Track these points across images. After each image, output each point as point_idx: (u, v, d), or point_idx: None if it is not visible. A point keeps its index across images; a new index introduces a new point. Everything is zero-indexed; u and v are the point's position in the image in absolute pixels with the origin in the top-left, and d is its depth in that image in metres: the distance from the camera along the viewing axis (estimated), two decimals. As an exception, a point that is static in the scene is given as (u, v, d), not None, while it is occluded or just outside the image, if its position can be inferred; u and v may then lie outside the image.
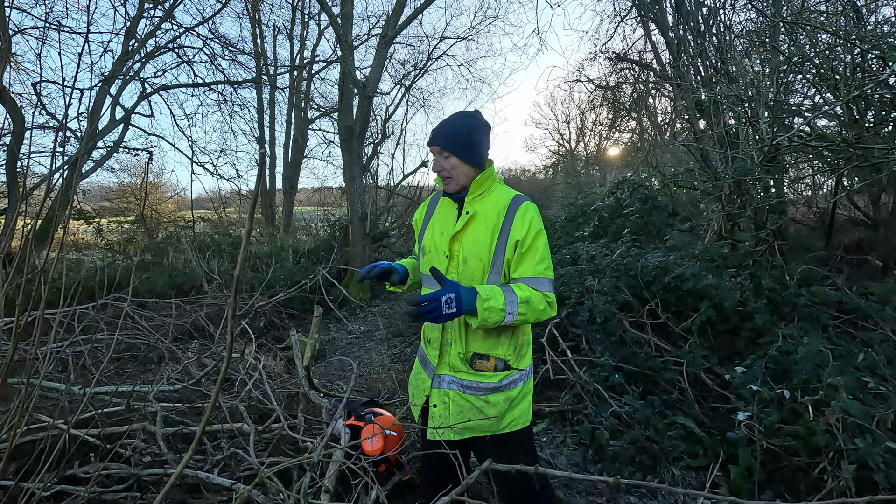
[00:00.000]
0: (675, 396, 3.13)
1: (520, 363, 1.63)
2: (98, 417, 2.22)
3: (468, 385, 1.59)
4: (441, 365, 1.63)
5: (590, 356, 3.48)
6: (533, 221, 1.56)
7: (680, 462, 2.62)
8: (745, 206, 4.55)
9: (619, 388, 3.16)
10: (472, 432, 1.58)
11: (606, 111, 12.64)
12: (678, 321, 3.69)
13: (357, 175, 6.97)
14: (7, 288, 1.73)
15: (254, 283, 6.56)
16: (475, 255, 1.57)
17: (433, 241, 1.67)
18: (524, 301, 1.49)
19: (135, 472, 1.79)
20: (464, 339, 1.59)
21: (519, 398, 1.61)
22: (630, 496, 2.46)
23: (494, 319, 1.47)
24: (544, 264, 1.56)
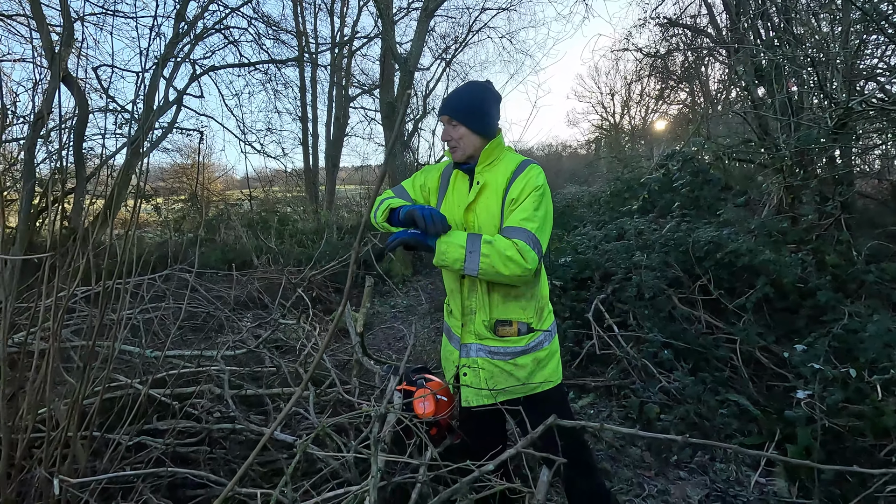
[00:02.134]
0: (726, 374, 3.05)
1: (542, 324, 1.65)
2: (169, 379, 2.39)
3: (495, 351, 1.61)
4: (466, 334, 1.66)
5: (637, 332, 3.42)
6: (530, 181, 1.54)
7: (733, 440, 2.56)
8: (809, 178, 4.28)
9: (667, 364, 3.10)
10: (504, 395, 1.61)
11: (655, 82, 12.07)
12: (731, 298, 3.56)
13: (399, 151, 7.00)
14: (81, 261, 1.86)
15: (300, 258, 6.79)
16: (489, 223, 1.58)
17: (451, 214, 1.68)
18: (488, 242, 1.47)
19: (206, 427, 1.93)
20: (487, 307, 1.61)
21: (547, 358, 1.64)
22: (679, 470, 2.43)
23: (453, 255, 1.47)
24: (523, 215, 1.51)
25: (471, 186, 1.62)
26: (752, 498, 2.21)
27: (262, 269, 6.11)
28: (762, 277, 3.46)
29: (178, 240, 7.60)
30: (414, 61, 7.02)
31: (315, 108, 11.85)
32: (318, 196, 11.34)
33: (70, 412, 1.49)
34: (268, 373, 2.41)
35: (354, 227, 7.85)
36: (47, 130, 6.84)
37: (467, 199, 1.61)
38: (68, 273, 1.85)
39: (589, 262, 4.23)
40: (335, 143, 11.84)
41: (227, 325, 3.02)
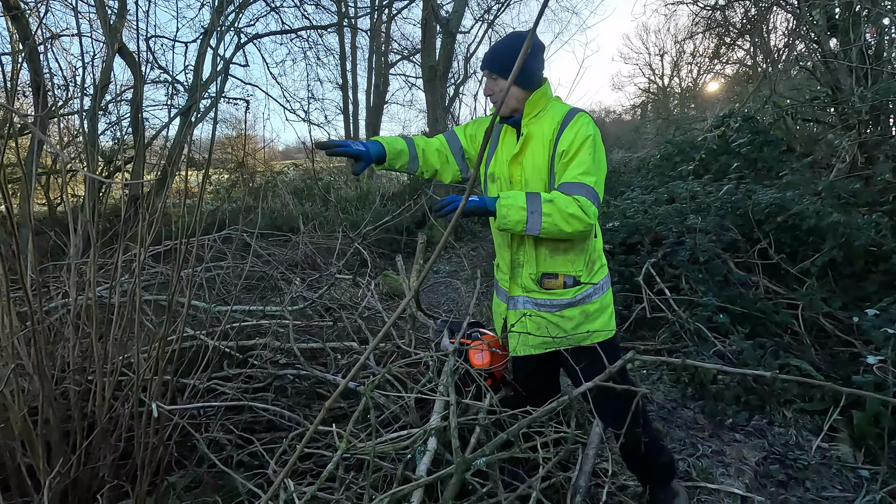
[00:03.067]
0: (786, 340, 2.94)
1: (592, 278, 1.62)
2: (232, 332, 2.53)
3: (542, 303, 1.62)
4: (513, 287, 1.67)
5: (690, 296, 3.32)
6: (581, 130, 1.49)
7: (792, 405, 2.49)
8: (886, 135, 3.95)
9: (722, 328, 3.01)
10: (552, 345, 1.61)
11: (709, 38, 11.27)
12: (793, 263, 3.39)
13: (440, 116, 6.93)
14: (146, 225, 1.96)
15: (345, 224, 6.93)
16: (536, 175, 1.55)
17: (498, 167, 1.66)
18: (548, 200, 1.44)
19: (273, 373, 2.04)
20: (534, 261, 1.60)
21: (597, 311, 1.62)
22: (735, 433, 2.39)
23: (514, 218, 1.45)
24: (580, 169, 1.48)
25: (518, 139, 1.60)
26: (814, 462, 2.16)
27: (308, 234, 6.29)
28: (829, 241, 3.26)
29: (229, 207, 7.89)
30: (456, 23, 6.84)
31: (355, 76, 11.84)
32: (359, 164, 11.43)
33: (155, 357, 1.60)
34: (324, 326, 2.51)
35: (397, 193, 7.90)
36: (106, 103, 7.16)
37: (514, 150, 1.59)
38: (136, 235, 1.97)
39: (638, 227, 4.11)
40: (375, 111, 11.83)
41: (282, 283, 3.15)
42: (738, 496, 1.95)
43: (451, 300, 4.90)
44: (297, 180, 9.50)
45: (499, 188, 1.66)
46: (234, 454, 1.74)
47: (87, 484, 1.75)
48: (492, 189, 1.70)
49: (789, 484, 2.06)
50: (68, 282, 2.61)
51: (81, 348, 2.05)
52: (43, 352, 1.54)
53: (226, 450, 1.92)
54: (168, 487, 1.70)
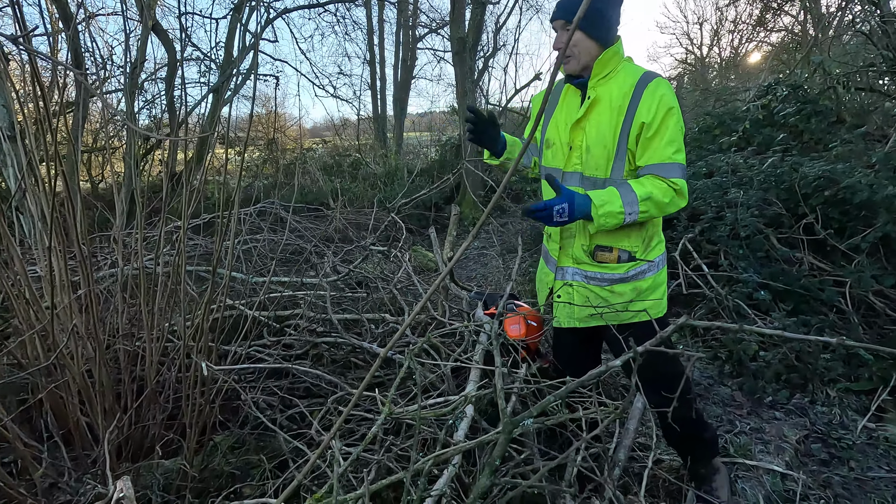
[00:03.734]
0: (832, 318, 2.83)
1: (648, 254, 1.55)
2: (269, 302, 2.59)
3: (592, 276, 1.56)
4: (563, 257, 1.61)
5: (729, 272, 3.22)
6: (663, 99, 1.39)
7: (837, 384, 2.41)
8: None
9: (763, 305, 2.92)
10: (597, 321, 1.56)
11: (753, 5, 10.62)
12: (841, 238, 3.23)
13: (469, 90, 6.81)
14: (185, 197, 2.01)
15: (374, 200, 6.97)
16: (599, 142, 1.47)
17: (557, 132, 1.59)
18: (645, 198, 1.39)
19: (311, 340, 2.09)
20: (586, 232, 1.54)
21: (649, 289, 1.56)
22: (775, 411, 2.33)
23: (613, 223, 1.42)
24: (673, 147, 1.40)
25: (582, 102, 1.51)
26: (859, 442, 2.09)
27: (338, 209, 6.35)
28: (883, 215, 3.09)
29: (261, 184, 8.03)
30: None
31: (382, 51, 11.71)
32: (386, 140, 11.42)
33: (201, 320, 1.65)
34: (359, 298, 2.55)
35: (425, 169, 7.87)
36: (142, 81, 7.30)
37: (576, 115, 1.50)
38: (174, 209, 2.02)
39: (675, 201, 3.98)
40: (403, 86, 11.72)
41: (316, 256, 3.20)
42: (777, 473, 1.91)
43: (480, 275, 4.90)
44: (326, 156, 9.56)
45: (553, 155, 1.59)
46: (278, 416, 1.80)
47: (139, 442, 1.85)
48: (546, 155, 1.63)
49: (832, 463, 2.01)
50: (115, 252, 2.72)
51: (129, 315, 2.15)
52: (96, 317, 1.61)
53: (266, 413, 2.00)
54: (214, 447, 1.77)
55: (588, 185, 1.50)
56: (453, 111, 9.41)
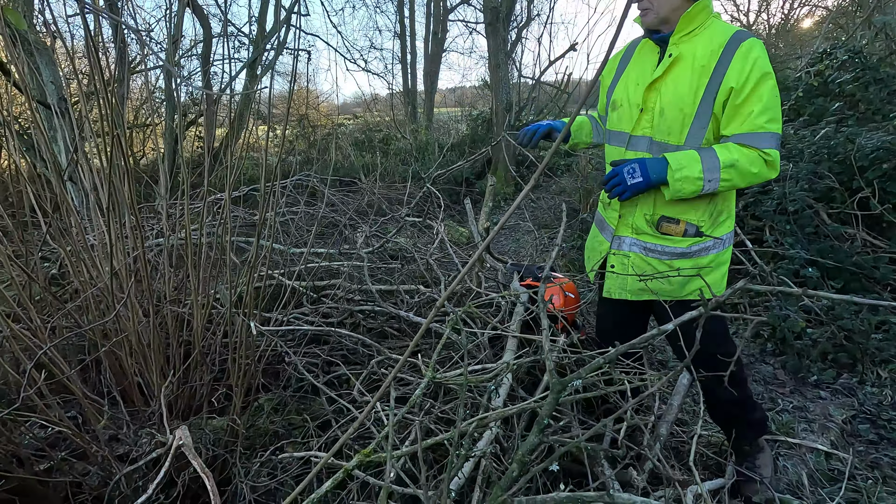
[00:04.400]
0: (886, 297, 2.69)
1: (715, 230, 1.47)
2: (307, 272, 2.65)
3: (651, 248, 1.49)
4: (622, 227, 1.54)
5: (775, 248, 3.09)
6: (757, 63, 1.28)
7: (889, 365, 2.30)
8: None
9: (811, 283, 2.80)
10: (650, 295, 1.50)
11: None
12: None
13: (502, 62, 6.65)
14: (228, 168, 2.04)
15: (405, 175, 6.96)
16: (675, 105, 1.36)
17: (626, 92, 1.49)
18: (729, 165, 1.30)
19: (348, 308, 2.13)
20: (652, 202, 1.46)
21: (710, 267, 1.48)
22: (819, 391, 2.26)
23: (690, 189, 1.34)
24: (766, 116, 1.30)
25: (660, 60, 1.40)
26: (911, 423, 2.01)
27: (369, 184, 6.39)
28: (948, 189, 2.89)
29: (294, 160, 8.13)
30: (521, -42, 6.41)
31: (413, 23, 11.53)
32: (416, 115, 11.34)
33: (248, 283, 1.71)
34: (394, 269, 2.58)
35: (455, 144, 7.79)
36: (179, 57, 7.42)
37: (652, 74, 1.40)
38: (213, 182, 2.07)
39: (718, 175, 3.82)
40: (433, 59, 11.54)
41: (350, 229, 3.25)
42: (821, 452, 1.86)
43: (512, 250, 4.87)
44: (357, 132, 9.58)
45: (620, 117, 1.51)
46: (319, 379, 1.85)
47: (187, 402, 1.95)
48: (612, 118, 1.56)
49: (881, 444, 1.94)
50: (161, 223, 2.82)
51: (175, 282, 2.23)
52: (148, 281, 1.68)
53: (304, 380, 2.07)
54: (258, 407, 1.85)
55: (657, 152, 1.42)
56: (485, 85, 9.23)
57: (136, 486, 1.43)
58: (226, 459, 1.54)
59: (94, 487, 1.51)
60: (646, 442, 1.46)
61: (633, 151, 1.49)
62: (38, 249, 2.26)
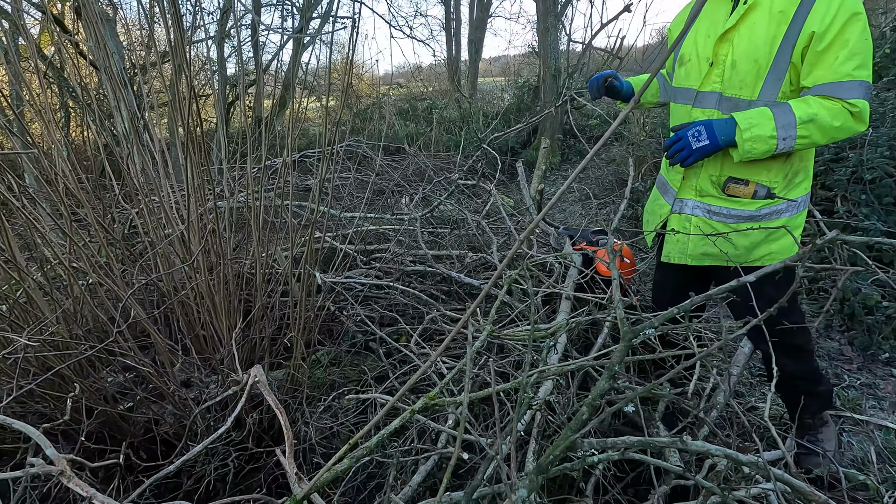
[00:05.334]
0: (971, 273, 2.48)
1: (789, 192, 1.37)
2: (357, 236, 2.71)
3: (716, 211, 1.41)
4: (685, 188, 1.47)
5: (847, 220, 2.89)
6: (844, 4, 1.17)
7: (972, 344, 2.14)
8: None
9: (887, 256, 2.62)
10: (712, 260, 1.44)
11: None
12: None
13: (552, 25, 6.39)
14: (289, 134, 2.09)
15: (449, 144, 6.91)
16: (748, 56, 1.27)
17: (694, 46, 1.41)
18: (807, 121, 1.20)
19: (401, 269, 2.17)
20: (719, 161, 1.38)
21: (781, 231, 1.39)
22: (891, 368, 2.14)
23: (762, 149, 1.25)
24: (854, 62, 1.18)
25: (733, 9, 1.32)
26: None
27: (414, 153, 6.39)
28: None
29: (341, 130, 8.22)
30: (575, -88, 6.05)
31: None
32: (460, 84, 11.15)
33: (309, 241, 1.76)
34: (444, 234, 2.60)
35: (499, 113, 7.64)
36: (228, 29, 7.56)
37: (724, 24, 1.31)
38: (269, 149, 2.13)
39: (785, 141, 3.58)
40: (478, 26, 11.24)
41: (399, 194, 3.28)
42: (891, 430, 1.77)
43: (558, 220, 4.78)
44: (402, 101, 9.54)
45: (688, 73, 1.43)
46: (374, 335, 1.89)
47: (248, 355, 2.06)
48: (679, 74, 1.48)
49: (959, 426, 1.82)
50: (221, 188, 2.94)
51: (234, 242, 2.34)
52: (220, 234, 1.77)
53: (357, 337, 2.14)
54: (315, 360, 1.94)
55: (727, 108, 1.34)
56: (532, 52, 8.93)
57: (209, 425, 1.55)
58: (288, 404, 1.63)
59: (170, 425, 1.64)
60: (702, 410, 1.44)
61: (700, 108, 1.41)
62: (113, 210, 2.41)
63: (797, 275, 1.11)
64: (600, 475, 1.13)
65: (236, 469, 1.42)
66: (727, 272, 1.44)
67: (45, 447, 0.97)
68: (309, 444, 1.47)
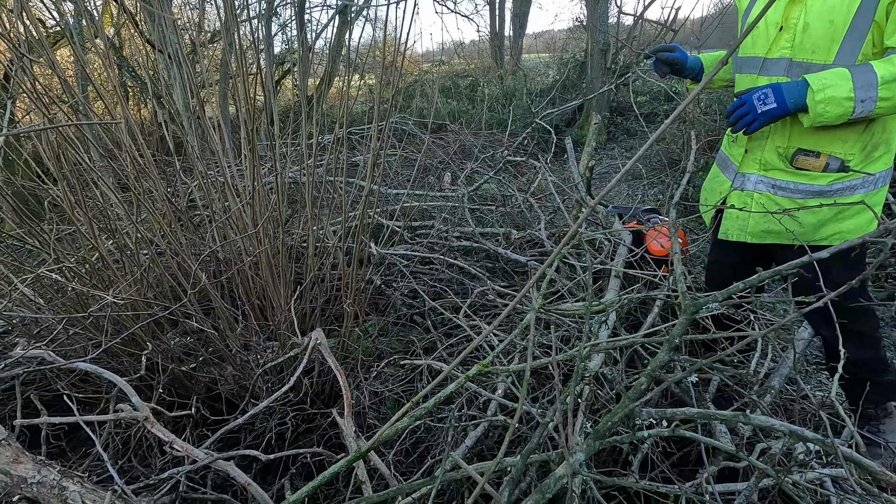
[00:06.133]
0: None
1: (868, 166, 1.27)
2: (402, 212, 2.76)
3: (782, 186, 1.33)
4: (747, 162, 1.40)
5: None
6: None
7: None
8: None
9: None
10: (774, 238, 1.36)
11: None
12: None
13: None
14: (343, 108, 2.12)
15: (491, 122, 6.83)
16: (823, 17, 1.19)
17: (764, 17, 1.33)
18: (890, 81, 1.10)
19: (448, 244, 2.20)
20: (787, 130, 1.29)
21: (854, 209, 1.30)
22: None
23: (836, 112, 1.16)
24: None
25: None
26: None
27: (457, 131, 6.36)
28: None
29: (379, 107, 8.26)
30: None
31: (503, -40, 10.89)
32: (503, 60, 10.93)
33: (361, 215, 1.81)
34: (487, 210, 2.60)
35: (544, 90, 7.47)
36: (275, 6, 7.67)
37: None
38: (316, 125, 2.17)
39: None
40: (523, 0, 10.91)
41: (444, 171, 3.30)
42: (962, 425, 1.67)
43: (607, 199, 4.68)
44: (444, 79, 9.47)
45: (755, 40, 1.36)
46: (429, 303, 1.93)
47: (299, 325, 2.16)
48: (745, 43, 1.41)
49: None
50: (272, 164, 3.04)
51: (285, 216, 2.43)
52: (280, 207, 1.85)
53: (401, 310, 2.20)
54: (364, 330, 2.01)
55: (797, 74, 1.27)
56: (580, 25, 8.62)
57: (267, 386, 1.64)
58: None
59: (230, 385, 1.75)
60: (756, 394, 1.41)
61: (766, 77, 1.33)
62: (175, 184, 2.54)
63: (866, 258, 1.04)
64: (648, 450, 1.13)
65: (293, 428, 1.51)
66: (789, 252, 1.37)
67: (131, 395, 1.06)
68: (360, 409, 1.53)
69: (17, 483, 0.89)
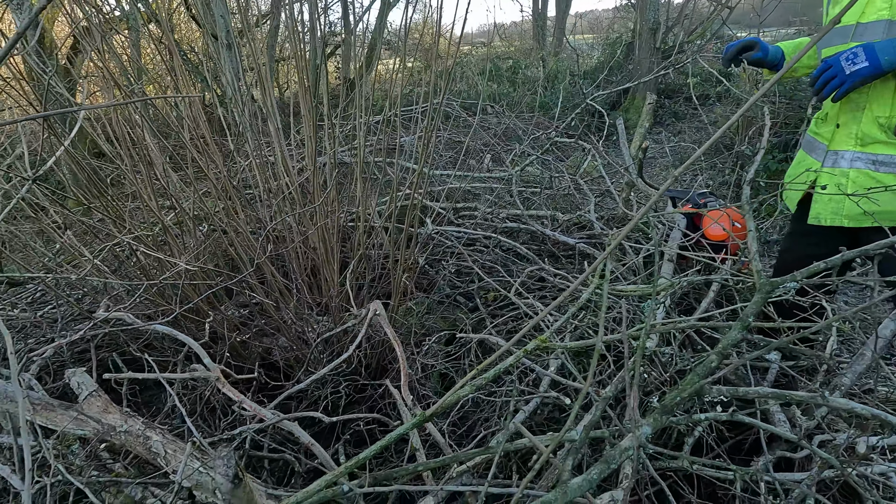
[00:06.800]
0: None
1: None
2: (448, 194, 2.77)
3: (884, 161, 1.22)
4: (840, 138, 1.29)
5: None
6: None
7: None
8: None
9: None
10: (871, 221, 1.24)
11: None
12: None
13: (654, -27, 5.89)
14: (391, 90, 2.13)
15: (532, 105, 6.71)
16: None
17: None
18: None
19: (494, 224, 2.21)
20: (889, 97, 1.19)
21: None
22: None
23: None
24: None
25: None
26: None
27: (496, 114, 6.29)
28: None
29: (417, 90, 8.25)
30: None
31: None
32: (546, 42, 10.68)
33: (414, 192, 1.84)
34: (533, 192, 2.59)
35: (588, 72, 7.26)
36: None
37: None
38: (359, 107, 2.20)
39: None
40: (568, -22, 10.59)
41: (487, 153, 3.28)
42: None
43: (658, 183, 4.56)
44: (485, 62, 9.35)
45: (829, 16, 1.30)
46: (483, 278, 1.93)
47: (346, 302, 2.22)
48: (832, 13, 1.32)
49: None
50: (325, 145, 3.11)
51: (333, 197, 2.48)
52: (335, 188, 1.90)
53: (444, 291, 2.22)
54: (409, 308, 2.05)
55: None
56: (628, 4, 8.30)
57: (319, 357, 1.71)
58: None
59: (283, 354, 1.83)
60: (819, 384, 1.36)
61: (860, 42, 1.24)
62: (229, 164, 2.64)
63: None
64: (703, 434, 1.12)
65: (346, 397, 1.57)
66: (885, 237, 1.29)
67: (203, 357, 1.13)
68: (411, 381, 1.58)
69: (108, 430, 0.98)
